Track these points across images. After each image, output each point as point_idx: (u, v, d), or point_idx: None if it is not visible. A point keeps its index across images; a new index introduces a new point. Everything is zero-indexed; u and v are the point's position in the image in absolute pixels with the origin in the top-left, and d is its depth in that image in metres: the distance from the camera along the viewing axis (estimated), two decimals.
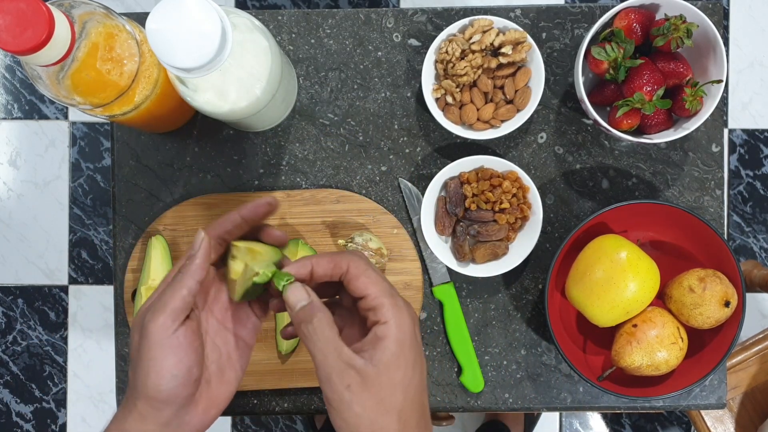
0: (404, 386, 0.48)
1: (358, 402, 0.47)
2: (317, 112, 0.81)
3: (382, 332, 0.48)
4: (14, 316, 1.66)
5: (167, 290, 0.50)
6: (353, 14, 0.81)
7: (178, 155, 0.81)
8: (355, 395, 0.47)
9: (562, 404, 0.80)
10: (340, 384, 0.47)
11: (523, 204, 0.75)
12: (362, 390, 0.47)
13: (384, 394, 0.48)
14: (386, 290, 0.50)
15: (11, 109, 1.67)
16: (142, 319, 0.49)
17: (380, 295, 0.49)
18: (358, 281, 0.50)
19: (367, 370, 0.47)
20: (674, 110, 0.73)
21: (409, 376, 0.49)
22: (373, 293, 0.50)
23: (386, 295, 0.50)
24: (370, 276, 0.50)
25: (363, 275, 0.50)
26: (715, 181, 0.80)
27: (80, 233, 1.66)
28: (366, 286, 0.50)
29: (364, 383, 0.47)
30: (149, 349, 0.48)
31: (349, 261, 0.51)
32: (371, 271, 0.51)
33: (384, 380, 0.47)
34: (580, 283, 0.73)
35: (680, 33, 0.69)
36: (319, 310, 0.49)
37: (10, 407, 1.66)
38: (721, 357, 0.73)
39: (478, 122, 0.76)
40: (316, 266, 0.51)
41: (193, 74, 0.57)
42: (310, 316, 0.49)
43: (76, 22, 0.59)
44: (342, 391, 0.47)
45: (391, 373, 0.48)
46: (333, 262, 0.51)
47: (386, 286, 0.50)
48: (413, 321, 0.50)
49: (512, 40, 0.74)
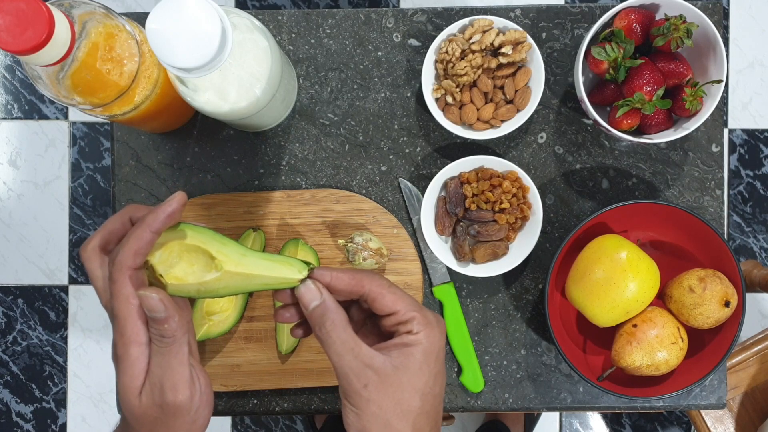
0: (424, 394, 0.48)
1: (376, 401, 0.47)
2: (317, 112, 0.81)
3: (410, 340, 0.48)
4: (14, 316, 1.66)
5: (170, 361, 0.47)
6: (353, 14, 0.81)
7: (178, 155, 0.81)
8: (372, 393, 0.47)
9: (562, 404, 0.80)
10: (357, 383, 0.47)
11: (523, 204, 0.75)
12: (380, 389, 0.47)
13: (403, 396, 0.47)
14: (414, 306, 0.50)
15: (11, 109, 1.67)
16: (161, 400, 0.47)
17: (410, 310, 0.49)
18: (384, 299, 0.49)
19: (386, 370, 0.47)
20: (674, 110, 0.73)
21: (430, 385, 0.49)
22: (403, 309, 0.49)
23: (416, 309, 0.49)
24: (396, 292, 0.50)
25: (388, 293, 0.49)
26: (715, 181, 0.80)
27: (80, 233, 1.66)
28: (394, 303, 0.49)
29: (381, 383, 0.47)
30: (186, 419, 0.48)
31: (371, 280, 0.50)
32: (395, 288, 0.50)
33: (405, 382, 0.47)
34: (580, 283, 0.73)
35: (680, 33, 0.69)
36: (333, 311, 0.48)
37: (10, 407, 1.66)
38: (721, 357, 0.73)
39: (478, 122, 0.76)
40: (336, 280, 0.50)
41: (193, 74, 0.57)
42: (323, 317, 0.48)
43: (76, 22, 0.59)
44: (359, 389, 0.47)
45: (414, 378, 0.48)
46: (353, 281, 0.50)
47: (412, 302, 0.50)
48: (442, 336, 0.50)
49: (512, 40, 0.74)
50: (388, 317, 0.50)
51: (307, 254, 0.78)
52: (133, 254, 0.46)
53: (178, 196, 0.47)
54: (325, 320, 0.48)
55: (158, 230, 0.47)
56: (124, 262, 0.46)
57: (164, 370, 0.46)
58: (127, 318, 0.46)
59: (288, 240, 0.79)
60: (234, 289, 0.50)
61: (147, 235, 0.46)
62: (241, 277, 0.50)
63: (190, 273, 0.49)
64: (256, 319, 0.79)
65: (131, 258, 0.46)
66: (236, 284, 0.50)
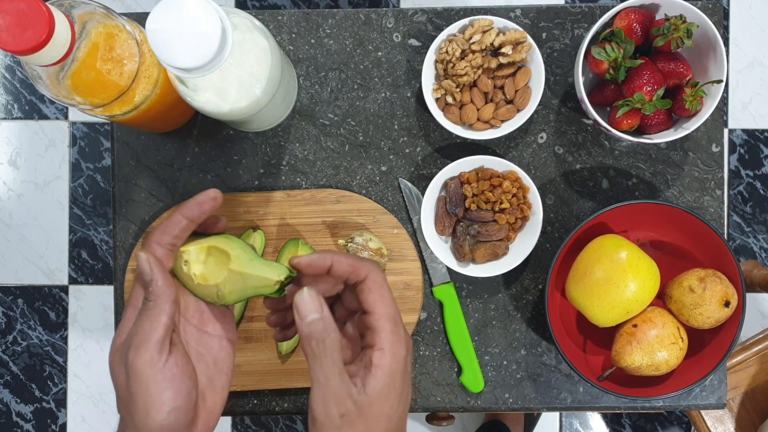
0: (388, 417, 0.48)
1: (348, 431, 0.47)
2: (317, 112, 0.81)
3: (377, 360, 0.48)
4: (14, 316, 1.66)
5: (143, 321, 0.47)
6: (353, 14, 0.81)
7: (178, 155, 0.81)
8: (345, 425, 0.46)
9: (562, 404, 0.80)
10: (335, 410, 0.46)
11: (523, 204, 0.75)
12: (355, 419, 0.47)
13: (371, 424, 0.47)
14: (392, 315, 0.49)
15: (11, 109, 1.67)
16: (125, 357, 0.47)
17: (384, 318, 0.48)
18: (370, 295, 0.49)
19: (361, 400, 0.47)
20: (674, 110, 0.73)
21: (395, 407, 0.48)
22: (379, 313, 0.49)
23: (390, 320, 0.48)
24: (383, 295, 0.49)
25: (377, 291, 0.49)
26: (715, 181, 0.80)
27: (80, 233, 1.66)
28: (376, 304, 0.49)
29: (358, 413, 0.47)
30: (143, 386, 0.46)
31: (369, 271, 0.49)
32: (385, 290, 0.49)
33: (374, 410, 0.47)
34: (580, 283, 0.73)
35: (680, 33, 0.69)
36: (333, 329, 0.47)
37: (10, 407, 1.66)
38: (721, 357, 0.73)
39: (478, 122, 0.76)
40: (336, 264, 0.49)
41: (193, 74, 0.57)
42: (322, 334, 0.47)
43: (76, 22, 0.59)
44: (335, 417, 0.46)
45: (380, 403, 0.47)
46: (354, 266, 0.49)
47: (393, 311, 0.49)
48: (408, 351, 0.49)
49: (512, 40, 0.74)
50: (365, 315, 0.49)
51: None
52: (161, 232, 0.50)
53: (211, 192, 0.51)
54: (325, 337, 0.47)
55: (190, 216, 0.50)
56: (153, 237, 0.50)
57: (136, 329, 0.47)
58: (135, 285, 0.50)
59: (288, 240, 0.79)
60: (238, 293, 0.51)
61: (177, 218, 0.50)
62: (240, 278, 0.51)
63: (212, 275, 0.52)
64: (256, 319, 0.79)
65: (158, 235, 0.50)
66: (238, 287, 0.51)
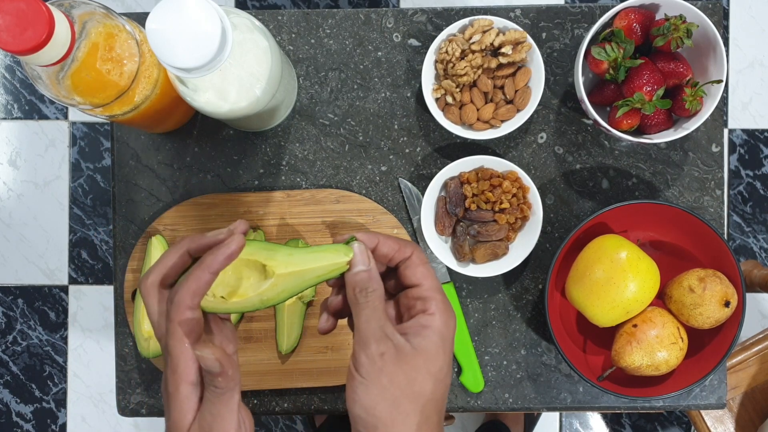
0: (437, 380, 0.48)
1: (388, 373, 0.47)
2: (317, 112, 0.81)
3: (427, 321, 0.49)
4: (14, 316, 1.66)
5: (220, 408, 0.48)
6: (353, 14, 0.81)
7: (178, 155, 0.81)
8: (387, 364, 0.47)
9: (562, 404, 0.80)
10: (375, 350, 0.47)
11: (523, 204, 0.75)
12: (395, 362, 0.47)
13: (416, 376, 0.47)
14: (439, 288, 0.51)
15: (11, 109, 1.67)
16: None
17: (434, 289, 0.50)
18: (417, 269, 0.51)
19: (404, 347, 0.47)
20: (674, 110, 0.73)
21: (444, 371, 0.49)
22: (428, 285, 0.50)
23: (439, 292, 0.51)
24: (429, 270, 0.51)
25: (423, 266, 0.51)
26: (715, 181, 0.80)
27: (80, 233, 1.66)
28: (425, 276, 0.51)
29: (398, 356, 0.47)
30: None
31: (414, 249, 0.52)
32: (429, 266, 0.52)
33: (420, 363, 0.47)
34: (580, 283, 0.73)
35: (680, 33, 0.69)
36: (377, 280, 0.50)
37: (10, 407, 1.66)
38: (721, 357, 0.73)
39: (478, 122, 0.76)
40: (382, 244, 0.51)
41: (193, 74, 0.57)
42: (367, 282, 0.49)
43: (76, 22, 0.59)
44: (375, 357, 0.47)
45: (429, 361, 0.48)
46: (399, 245, 0.51)
47: (439, 285, 0.52)
48: (455, 324, 0.51)
49: (512, 40, 0.74)
50: (412, 289, 0.51)
51: None
52: (191, 294, 0.47)
53: (237, 239, 0.48)
54: (368, 285, 0.49)
55: (217, 271, 0.48)
56: (182, 301, 0.47)
57: (214, 417, 0.47)
58: (179, 357, 0.47)
59: (288, 240, 0.79)
60: (291, 290, 0.51)
61: (205, 276, 0.47)
62: (293, 277, 0.51)
63: (248, 287, 0.51)
64: (256, 319, 0.79)
65: (189, 298, 0.47)
66: (291, 285, 0.51)
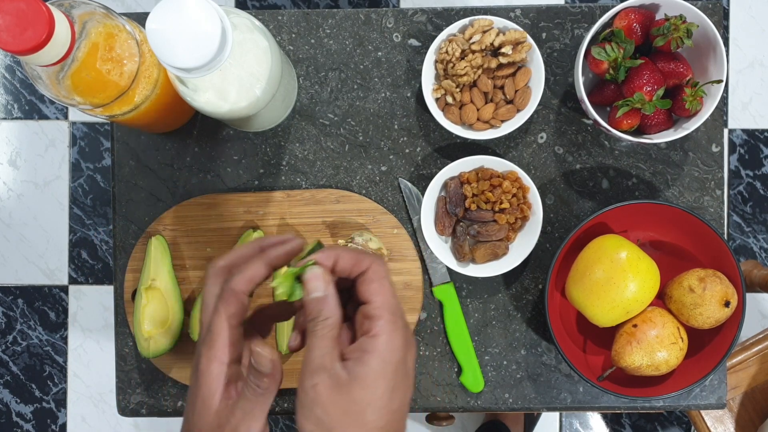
0: (377, 408, 0.45)
1: (321, 404, 0.45)
2: (317, 112, 0.81)
3: (368, 345, 0.46)
4: (14, 316, 1.66)
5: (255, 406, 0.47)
6: (353, 14, 0.81)
7: (178, 155, 0.81)
8: (319, 396, 0.45)
9: (562, 404, 0.80)
10: (309, 382, 0.45)
11: (523, 204, 0.75)
12: (330, 393, 0.45)
13: (352, 408, 0.45)
14: (391, 306, 0.47)
15: (11, 109, 1.67)
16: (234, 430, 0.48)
17: (382, 308, 0.47)
18: (370, 285, 0.48)
19: (339, 376, 0.45)
20: (674, 110, 0.73)
21: (386, 399, 0.45)
22: (378, 302, 0.47)
23: (388, 311, 0.47)
24: (384, 285, 0.48)
25: (378, 281, 0.48)
26: (715, 181, 0.80)
27: (80, 233, 1.66)
28: (376, 292, 0.47)
29: (333, 387, 0.45)
30: None
31: (372, 262, 0.48)
32: (387, 282, 0.48)
33: (357, 393, 0.45)
34: (580, 283, 0.73)
35: (680, 33, 0.69)
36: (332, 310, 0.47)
37: (10, 407, 1.66)
38: (721, 357, 0.73)
39: (478, 122, 0.76)
40: (340, 259, 0.49)
41: (193, 74, 0.57)
42: (319, 310, 0.47)
43: (76, 22, 0.59)
44: (308, 389, 0.45)
45: (367, 389, 0.45)
46: (356, 259, 0.48)
47: (393, 303, 0.48)
48: (407, 346, 0.47)
49: (512, 40, 0.74)
50: (363, 306, 0.48)
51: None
52: (245, 281, 0.48)
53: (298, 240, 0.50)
54: (319, 314, 0.46)
55: (274, 265, 0.49)
56: (236, 285, 0.48)
57: (246, 415, 0.47)
58: (219, 334, 0.47)
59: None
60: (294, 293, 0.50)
61: (262, 267, 0.48)
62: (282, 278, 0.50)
63: None
64: None
65: (243, 283, 0.48)
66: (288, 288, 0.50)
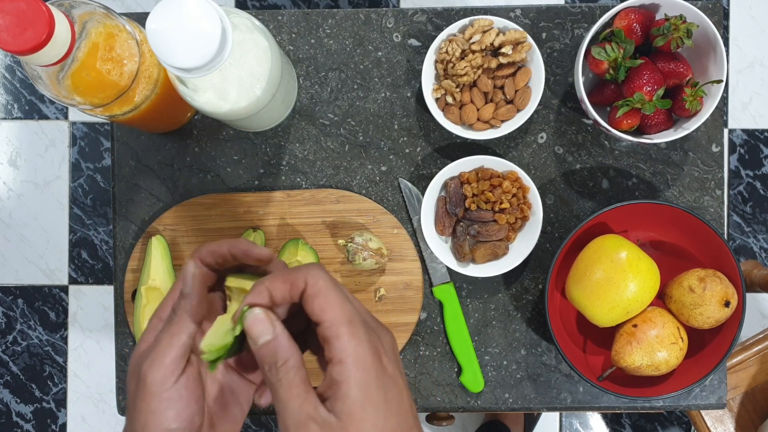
0: (382, 429, 0.40)
1: None
2: (317, 112, 0.81)
3: (339, 374, 0.40)
4: (14, 316, 1.66)
5: (164, 335, 0.44)
6: (353, 14, 0.81)
7: (178, 155, 0.81)
8: None
9: (562, 404, 0.80)
10: None
11: (523, 204, 0.75)
12: None
13: None
14: (345, 317, 0.41)
15: (11, 109, 1.67)
16: (139, 367, 0.44)
17: (335, 324, 0.41)
18: (314, 302, 0.41)
19: (328, 422, 0.40)
20: (674, 110, 0.73)
21: (381, 420, 0.40)
22: (328, 320, 0.41)
23: (343, 324, 0.41)
24: (329, 297, 0.41)
25: (321, 295, 0.41)
26: (715, 181, 0.80)
27: (80, 233, 1.66)
28: (322, 310, 0.41)
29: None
30: (147, 400, 0.43)
31: (306, 276, 0.42)
32: (332, 290, 0.42)
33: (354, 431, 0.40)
34: (580, 283, 0.73)
35: (680, 33, 0.69)
36: (288, 350, 0.41)
37: (10, 407, 1.66)
38: (721, 357, 0.73)
39: (478, 122, 0.76)
40: (272, 290, 0.43)
41: (193, 74, 0.57)
42: (274, 355, 0.41)
43: (76, 22, 0.59)
44: None
45: (362, 422, 0.40)
46: (289, 281, 0.42)
47: (346, 312, 0.41)
48: (375, 352, 0.41)
49: (512, 40, 0.74)
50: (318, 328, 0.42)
51: (308, 254, 0.78)
52: (208, 251, 0.46)
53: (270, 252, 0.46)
54: (276, 359, 0.41)
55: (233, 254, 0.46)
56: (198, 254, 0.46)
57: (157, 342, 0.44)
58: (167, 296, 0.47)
59: (288, 240, 0.79)
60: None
61: (224, 248, 0.46)
62: None
63: None
64: None
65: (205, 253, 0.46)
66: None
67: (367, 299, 0.79)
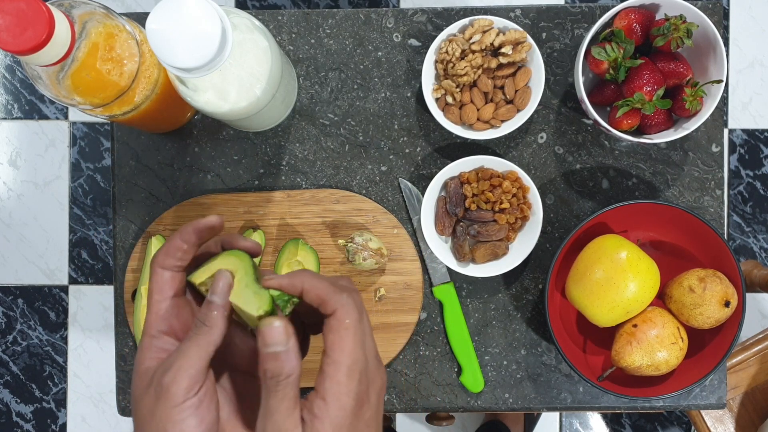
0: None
1: None
2: (317, 112, 0.81)
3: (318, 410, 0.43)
4: (14, 316, 1.66)
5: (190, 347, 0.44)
6: (353, 14, 0.81)
7: (178, 155, 0.81)
8: None
9: (562, 404, 0.80)
10: None
11: (523, 204, 0.75)
12: None
13: None
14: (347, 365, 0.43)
15: (11, 109, 1.67)
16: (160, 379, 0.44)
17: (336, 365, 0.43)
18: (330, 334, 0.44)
19: None
20: (674, 110, 0.73)
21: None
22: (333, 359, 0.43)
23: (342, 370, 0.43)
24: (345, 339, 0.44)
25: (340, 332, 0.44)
26: (715, 181, 0.80)
27: (80, 233, 1.66)
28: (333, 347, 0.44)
29: None
30: (169, 412, 0.43)
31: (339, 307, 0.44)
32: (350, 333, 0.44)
33: None
34: (580, 283, 0.73)
35: (680, 33, 0.69)
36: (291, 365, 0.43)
37: (10, 407, 1.66)
38: (721, 357, 0.73)
39: (478, 122, 0.76)
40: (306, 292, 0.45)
41: (193, 74, 0.57)
42: (280, 366, 0.43)
43: (76, 22, 0.59)
44: None
45: None
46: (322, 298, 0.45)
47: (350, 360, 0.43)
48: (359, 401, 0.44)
49: (512, 40, 0.74)
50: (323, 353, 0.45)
51: (307, 254, 0.78)
52: (164, 254, 0.46)
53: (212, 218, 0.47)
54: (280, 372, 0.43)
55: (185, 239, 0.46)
56: (156, 261, 0.47)
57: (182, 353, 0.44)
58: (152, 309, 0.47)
59: (288, 240, 0.79)
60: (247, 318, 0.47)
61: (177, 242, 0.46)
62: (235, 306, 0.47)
63: None
64: None
65: (162, 257, 0.46)
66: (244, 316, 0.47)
67: (367, 299, 0.79)
